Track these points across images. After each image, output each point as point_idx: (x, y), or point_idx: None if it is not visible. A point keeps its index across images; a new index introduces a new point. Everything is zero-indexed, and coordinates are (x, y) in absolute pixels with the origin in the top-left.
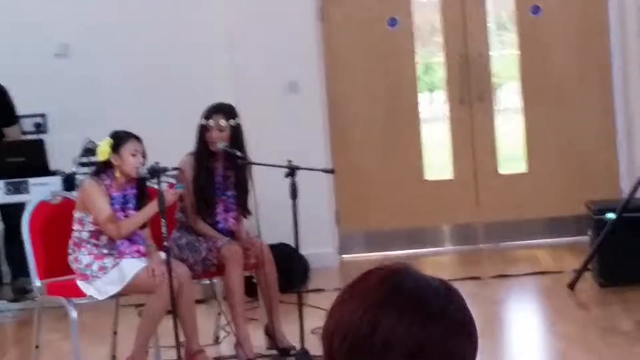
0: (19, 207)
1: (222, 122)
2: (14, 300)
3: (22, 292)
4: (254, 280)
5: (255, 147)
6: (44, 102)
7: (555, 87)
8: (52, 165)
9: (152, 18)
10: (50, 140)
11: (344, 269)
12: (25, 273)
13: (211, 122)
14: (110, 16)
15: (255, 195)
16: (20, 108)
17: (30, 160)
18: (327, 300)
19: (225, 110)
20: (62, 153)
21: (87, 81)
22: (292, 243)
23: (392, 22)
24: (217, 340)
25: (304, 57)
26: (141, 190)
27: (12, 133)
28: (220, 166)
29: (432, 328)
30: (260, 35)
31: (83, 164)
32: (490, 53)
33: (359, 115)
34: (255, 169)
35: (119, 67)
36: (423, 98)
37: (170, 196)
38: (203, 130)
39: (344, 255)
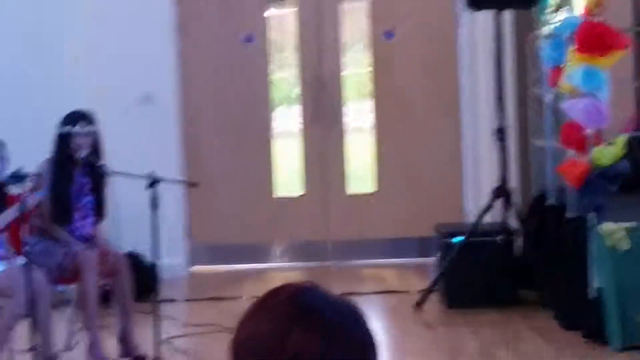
0: None
1: (86, 128)
2: None
3: None
4: (107, 289)
5: (112, 156)
6: None
7: (405, 108)
8: None
9: (11, 21)
10: None
11: (193, 280)
12: None
13: (75, 129)
14: None
15: (115, 203)
16: None
17: None
18: (177, 310)
19: (87, 117)
20: None
21: None
22: (142, 252)
23: (249, 38)
24: (69, 347)
25: (160, 69)
26: (1, 194)
27: None
28: (79, 173)
29: (337, 344)
30: (119, 45)
31: None
32: (343, 73)
33: (213, 129)
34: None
35: None
36: (276, 114)
37: (31, 202)
38: (65, 137)
39: (193, 267)
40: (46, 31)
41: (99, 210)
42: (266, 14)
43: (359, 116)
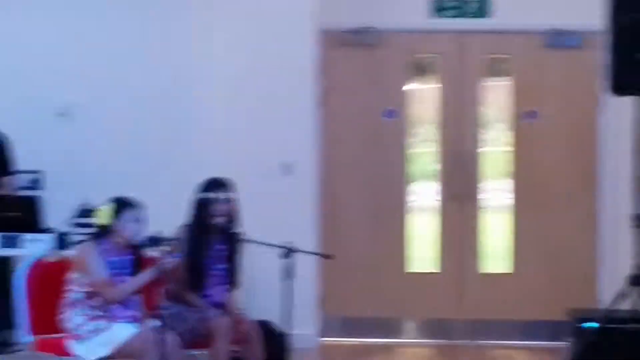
0: (6, 261)
1: (225, 196)
2: None
3: (4, 345)
4: (237, 356)
5: (247, 224)
6: (41, 159)
7: (544, 190)
8: (46, 223)
9: (153, 86)
10: (46, 198)
11: (323, 351)
12: (8, 326)
13: (214, 196)
14: (112, 80)
15: (248, 271)
16: (18, 163)
17: (26, 215)
18: None
19: (227, 185)
20: (55, 211)
21: (85, 142)
22: (273, 321)
23: (390, 113)
24: None
25: (300, 140)
26: (138, 256)
27: (7, 183)
28: (215, 240)
29: None
30: (258, 114)
31: (78, 224)
32: (482, 150)
33: (350, 201)
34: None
35: (116, 131)
36: (414, 188)
37: (167, 265)
38: (205, 203)
39: (324, 338)
40: (186, 96)
41: (233, 278)
42: (408, 88)
43: (496, 195)
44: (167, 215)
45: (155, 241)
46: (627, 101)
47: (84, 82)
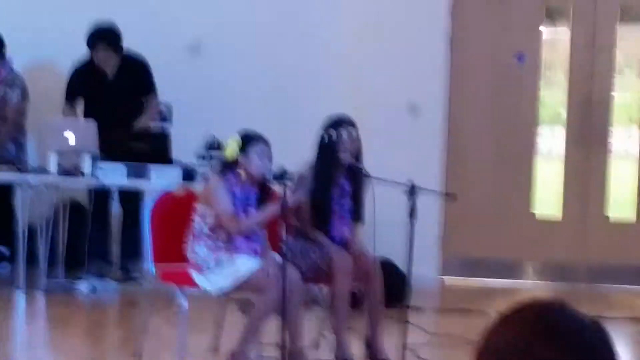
0: (137, 195)
1: (350, 132)
2: (120, 281)
3: (129, 274)
4: (356, 292)
5: (371, 163)
6: (171, 93)
7: None
8: (173, 156)
9: (280, 22)
10: (174, 131)
11: (444, 291)
12: (132, 256)
13: (343, 133)
14: (241, 16)
15: (372, 209)
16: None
17: (154, 148)
18: (425, 320)
19: (352, 122)
20: (182, 144)
21: (214, 78)
22: (395, 259)
23: (520, 57)
24: (317, 346)
25: (428, 80)
26: (263, 191)
27: (150, 100)
28: (340, 177)
29: None
30: (387, 52)
31: (204, 158)
32: (612, 95)
33: (476, 143)
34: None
35: (244, 67)
36: (541, 132)
37: (291, 201)
38: (331, 141)
39: (444, 278)
40: (314, 30)
41: (356, 214)
42: (539, 32)
43: (625, 141)
44: (292, 151)
45: (280, 176)
46: None
47: (214, 17)
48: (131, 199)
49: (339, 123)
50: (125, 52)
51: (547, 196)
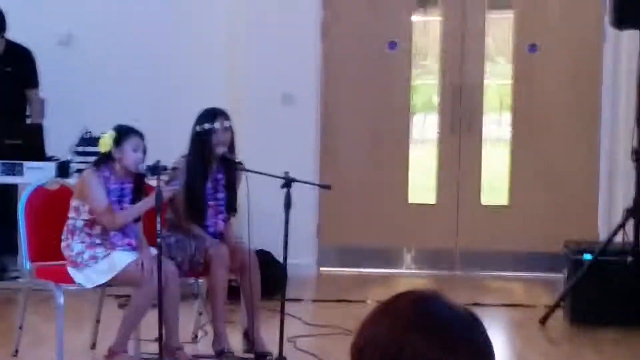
0: (9, 190)
1: (227, 123)
2: None
3: (4, 272)
4: (234, 285)
5: (246, 156)
6: (44, 88)
7: (544, 122)
8: (47, 151)
9: (155, 12)
10: (47, 126)
11: (321, 281)
12: (8, 252)
13: (215, 126)
14: (114, 8)
15: (249, 202)
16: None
17: (27, 144)
18: (303, 310)
19: (225, 113)
20: (57, 140)
21: (87, 71)
22: (272, 251)
23: (392, 45)
24: (195, 339)
25: (302, 70)
26: (138, 185)
27: (33, 95)
28: (214, 170)
29: (456, 355)
30: (261, 44)
31: (79, 153)
32: (483, 82)
33: (350, 132)
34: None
35: (119, 60)
36: (415, 120)
37: (166, 193)
38: (205, 133)
39: (322, 268)
40: (189, 21)
41: (231, 206)
42: (412, 20)
43: (497, 127)
44: (167, 145)
45: (155, 170)
46: (631, 34)
47: (87, 8)
48: (2, 195)
49: (212, 115)
50: (10, 39)
51: (422, 183)
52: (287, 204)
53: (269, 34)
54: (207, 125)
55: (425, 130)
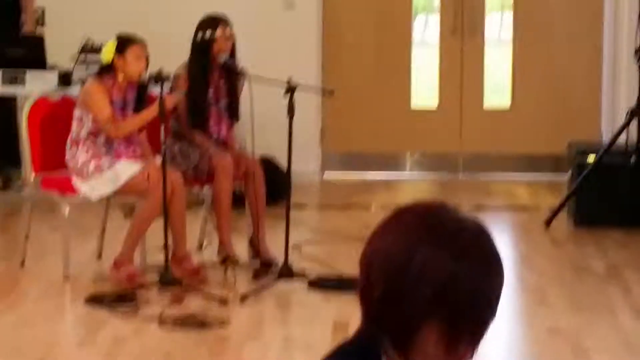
0: (9, 100)
1: (228, 30)
2: (1, 189)
3: (9, 182)
4: (238, 191)
5: (248, 61)
6: None
7: (546, 24)
8: (48, 60)
9: None
10: (47, 35)
11: (325, 186)
12: (12, 164)
13: (218, 32)
14: None
15: (250, 107)
16: None
17: (29, 53)
18: (308, 216)
19: (226, 20)
20: (58, 48)
21: None
22: (275, 156)
23: None
24: (201, 247)
25: None
26: (141, 93)
27: (27, 2)
28: (216, 77)
29: (464, 263)
30: None
31: (80, 62)
32: None
33: (352, 37)
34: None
35: None
36: (416, 22)
37: (169, 102)
38: (206, 40)
39: (325, 173)
40: None
41: (233, 112)
42: None
43: (499, 28)
44: (169, 52)
45: (158, 78)
46: None
47: None
48: (3, 105)
49: (213, 21)
50: None
51: (424, 86)
52: (291, 111)
53: None
54: (208, 33)
55: (426, 32)
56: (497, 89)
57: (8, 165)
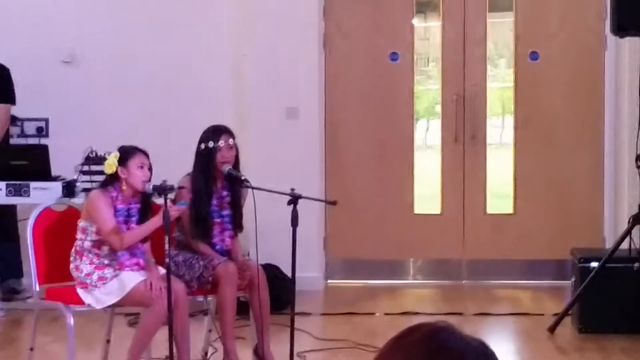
0: (11, 209)
1: (231, 141)
2: (4, 300)
3: (11, 293)
4: (242, 299)
5: (252, 170)
6: (48, 107)
7: (547, 128)
8: (53, 171)
9: (159, 33)
10: (51, 146)
11: (329, 293)
12: (15, 274)
13: (221, 143)
14: (118, 27)
15: (256, 218)
16: (24, 111)
17: (33, 164)
18: (312, 324)
19: (229, 131)
20: (61, 159)
21: (91, 89)
22: (279, 264)
23: (394, 56)
24: (205, 356)
25: (305, 83)
26: (145, 204)
27: (1, 110)
28: (219, 187)
29: None
30: (264, 61)
31: (84, 172)
32: (485, 87)
33: (355, 143)
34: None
35: (123, 78)
36: (418, 127)
37: (173, 212)
38: (212, 151)
39: (329, 281)
40: (192, 37)
41: (237, 222)
42: (412, 27)
43: (501, 133)
44: (172, 163)
45: (161, 189)
46: (632, 40)
47: (90, 29)
48: (5, 214)
49: (216, 133)
50: None
51: (426, 191)
52: (294, 221)
53: (270, 48)
54: (211, 144)
55: (428, 137)
56: (500, 193)
57: (13, 277)
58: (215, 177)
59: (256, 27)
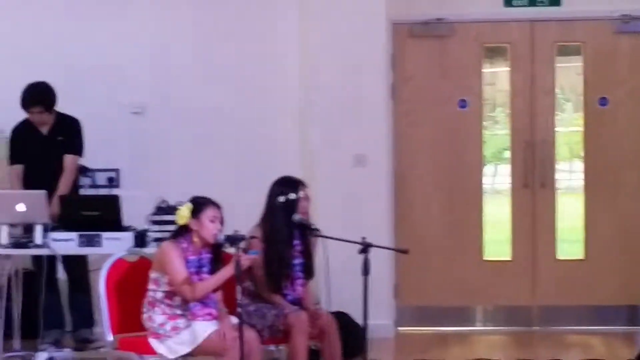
0: (83, 259)
1: (303, 193)
2: (77, 350)
3: (84, 342)
4: (314, 348)
5: (321, 218)
6: (119, 157)
7: (616, 173)
8: (124, 221)
9: (227, 83)
10: (122, 196)
11: (400, 341)
12: (87, 324)
13: (301, 194)
14: (187, 77)
15: (327, 265)
16: (95, 162)
17: (105, 214)
18: None
19: (304, 182)
20: (132, 209)
21: (162, 140)
22: (349, 312)
23: (462, 103)
24: None
25: (373, 131)
26: (216, 254)
27: (69, 161)
28: (291, 237)
29: None
30: (332, 108)
31: (155, 222)
32: (554, 132)
33: (424, 189)
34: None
35: (192, 129)
36: (487, 174)
37: (245, 262)
38: (293, 203)
39: (399, 328)
40: (259, 94)
41: (308, 271)
42: (480, 74)
43: (569, 178)
44: (244, 213)
45: (233, 240)
46: None
47: (159, 79)
48: (77, 264)
49: (293, 183)
50: (60, 112)
51: (496, 237)
52: (365, 270)
53: (338, 98)
54: (292, 196)
55: (496, 182)
56: (569, 239)
57: (80, 324)
58: (290, 227)
59: (324, 74)
